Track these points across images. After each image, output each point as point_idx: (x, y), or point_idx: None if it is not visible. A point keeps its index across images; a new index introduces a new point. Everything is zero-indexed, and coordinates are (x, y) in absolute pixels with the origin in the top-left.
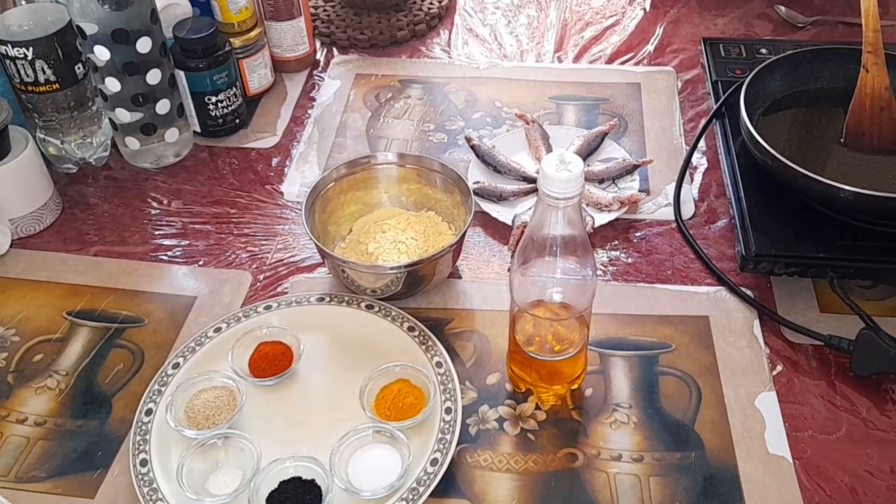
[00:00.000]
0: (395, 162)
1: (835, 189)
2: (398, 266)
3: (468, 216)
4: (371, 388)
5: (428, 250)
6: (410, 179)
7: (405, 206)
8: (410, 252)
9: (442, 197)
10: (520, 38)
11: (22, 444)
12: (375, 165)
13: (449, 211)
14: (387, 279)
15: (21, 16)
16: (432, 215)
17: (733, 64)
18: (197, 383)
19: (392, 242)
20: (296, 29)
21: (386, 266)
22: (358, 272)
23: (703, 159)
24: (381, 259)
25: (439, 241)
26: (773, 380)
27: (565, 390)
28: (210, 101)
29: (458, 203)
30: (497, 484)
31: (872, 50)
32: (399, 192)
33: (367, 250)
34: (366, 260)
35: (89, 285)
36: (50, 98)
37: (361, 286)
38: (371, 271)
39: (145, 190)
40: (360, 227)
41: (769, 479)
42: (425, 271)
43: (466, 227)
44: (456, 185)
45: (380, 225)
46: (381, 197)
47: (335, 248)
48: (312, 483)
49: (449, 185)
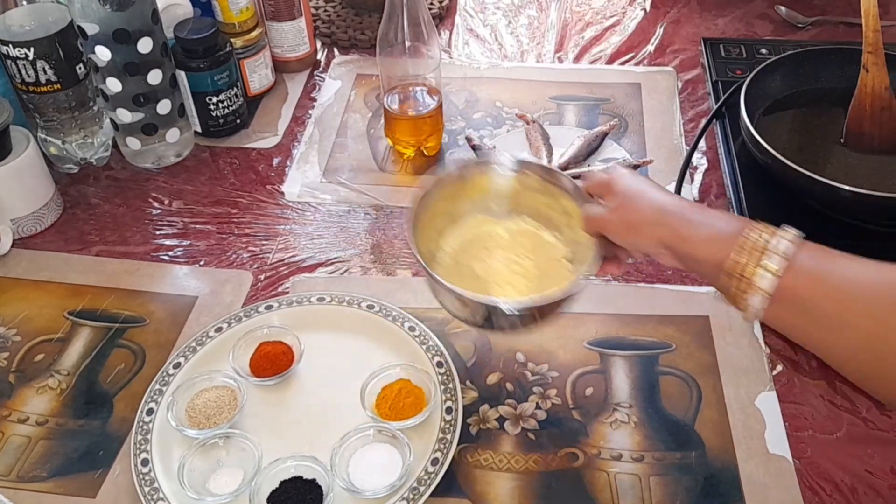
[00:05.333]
0: (500, 165)
1: (835, 189)
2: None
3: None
4: (372, 387)
5: (547, 271)
6: (509, 184)
7: (494, 215)
8: (529, 275)
9: (543, 200)
10: (520, 39)
11: (23, 443)
12: (479, 172)
13: (546, 214)
14: (518, 315)
15: (22, 16)
16: (529, 221)
17: (733, 64)
18: (198, 383)
19: (504, 262)
20: (296, 29)
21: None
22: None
23: (704, 159)
24: (496, 284)
25: (550, 253)
26: (774, 379)
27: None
28: (211, 101)
29: (566, 210)
30: (498, 483)
31: (872, 50)
32: (489, 198)
33: (473, 273)
34: (475, 285)
35: (91, 285)
36: (51, 98)
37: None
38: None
39: (146, 190)
40: (453, 243)
41: (769, 478)
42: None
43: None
44: (568, 189)
45: (481, 240)
46: (464, 205)
47: (435, 268)
48: (313, 483)
49: (554, 189)
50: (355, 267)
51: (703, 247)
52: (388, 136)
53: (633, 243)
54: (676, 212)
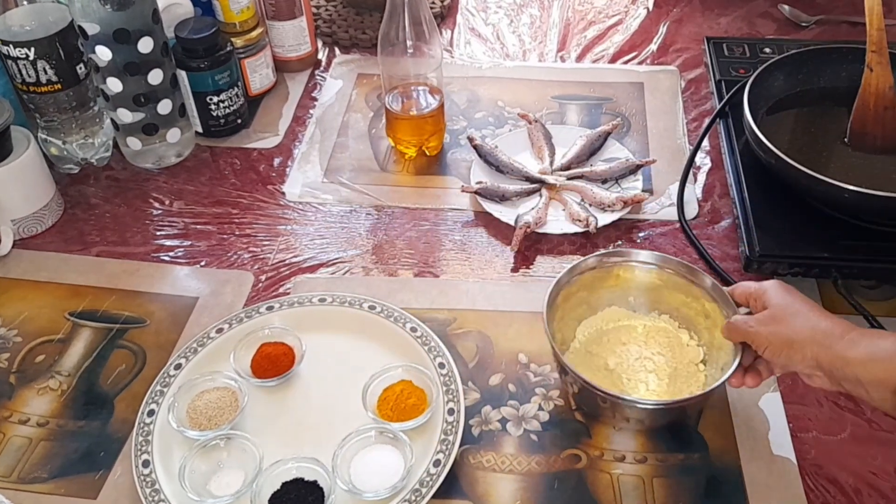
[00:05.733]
0: (652, 263)
1: (838, 189)
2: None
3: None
4: (373, 388)
5: (677, 368)
6: (648, 279)
7: (632, 308)
8: (659, 371)
9: (683, 299)
10: (522, 38)
11: (24, 444)
12: (628, 263)
13: (684, 314)
14: (643, 414)
15: (23, 16)
16: (668, 321)
17: (737, 63)
18: (199, 384)
19: (637, 359)
20: (297, 29)
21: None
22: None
23: (707, 159)
24: (626, 377)
25: (685, 354)
26: (777, 381)
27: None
28: (212, 101)
29: (706, 312)
30: (500, 485)
31: (876, 49)
32: (628, 291)
33: (605, 365)
34: (606, 377)
35: (91, 286)
36: (52, 98)
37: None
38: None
39: (147, 190)
40: (586, 332)
41: (773, 480)
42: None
43: (736, 366)
44: (709, 290)
45: (616, 333)
46: (605, 296)
47: (566, 355)
48: (315, 484)
49: (695, 289)
50: (357, 267)
51: (868, 368)
52: (390, 136)
53: (784, 360)
54: (834, 332)
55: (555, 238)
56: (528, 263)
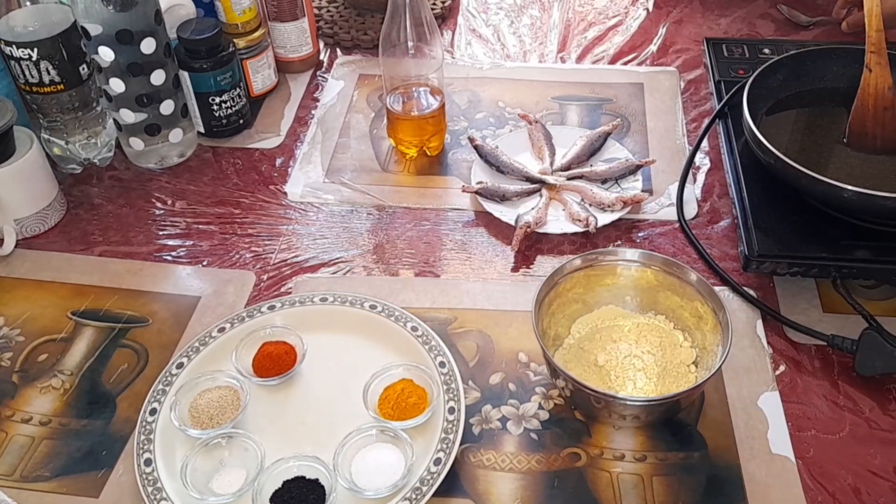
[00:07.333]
0: (637, 260)
1: (838, 189)
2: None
3: (723, 343)
4: (374, 387)
5: (666, 367)
6: (644, 279)
7: (629, 308)
8: (647, 370)
9: (678, 301)
10: (523, 39)
11: (27, 443)
12: (615, 262)
13: (679, 315)
14: (630, 411)
15: (26, 17)
16: (663, 321)
17: (736, 64)
18: (201, 383)
19: (626, 357)
20: (299, 29)
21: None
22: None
23: (706, 159)
24: (614, 375)
25: (676, 355)
26: (777, 380)
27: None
28: (214, 101)
29: (698, 314)
30: (500, 483)
31: (875, 50)
32: (624, 291)
33: (595, 361)
34: (595, 373)
35: (94, 285)
36: (54, 99)
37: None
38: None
39: (149, 190)
40: (581, 330)
41: (772, 478)
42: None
43: (723, 358)
44: (702, 292)
45: (608, 332)
46: (603, 295)
47: (554, 352)
48: (316, 482)
49: (688, 290)
50: (358, 267)
51: None
52: (391, 137)
53: None
54: None
55: (555, 238)
56: (529, 263)
